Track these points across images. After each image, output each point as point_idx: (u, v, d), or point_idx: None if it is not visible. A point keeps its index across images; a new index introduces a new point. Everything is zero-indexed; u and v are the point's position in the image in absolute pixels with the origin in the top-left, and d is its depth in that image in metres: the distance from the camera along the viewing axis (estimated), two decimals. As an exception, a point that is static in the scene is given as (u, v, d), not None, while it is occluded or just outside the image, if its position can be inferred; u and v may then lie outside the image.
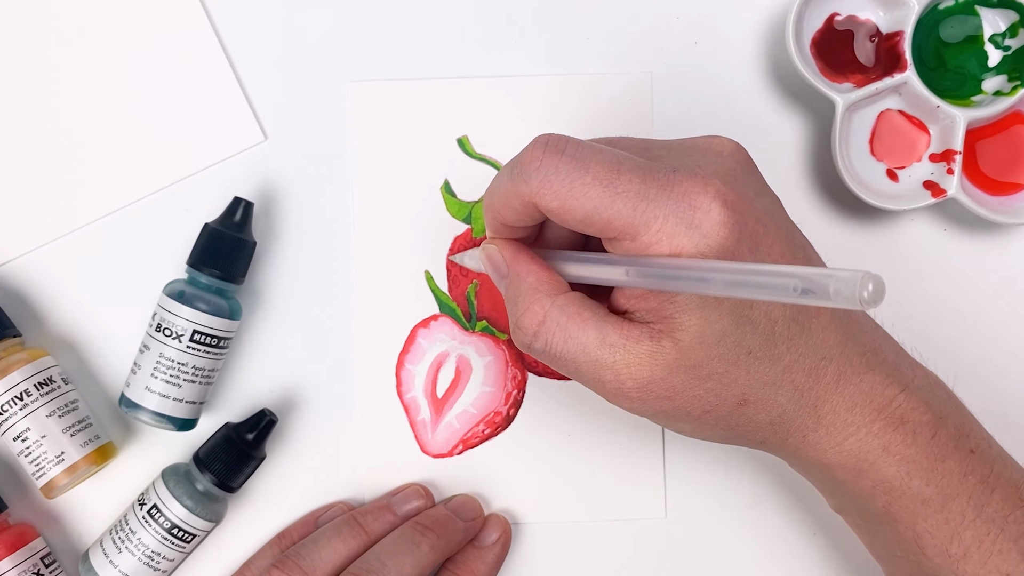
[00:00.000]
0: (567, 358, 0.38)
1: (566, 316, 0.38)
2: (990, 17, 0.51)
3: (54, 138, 0.50)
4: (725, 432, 0.39)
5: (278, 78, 0.51)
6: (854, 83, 0.50)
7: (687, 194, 0.36)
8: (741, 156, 0.39)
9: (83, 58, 0.50)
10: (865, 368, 0.39)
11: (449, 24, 0.51)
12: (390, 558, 0.45)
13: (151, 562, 0.47)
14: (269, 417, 0.48)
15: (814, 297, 0.29)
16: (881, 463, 0.39)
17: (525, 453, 0.51)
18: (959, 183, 0.49)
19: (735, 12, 0.52)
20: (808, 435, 0.39)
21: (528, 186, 0.37)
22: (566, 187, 0.36)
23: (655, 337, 0.37)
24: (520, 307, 0.39)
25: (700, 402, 0.38)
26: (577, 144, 0.37)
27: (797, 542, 0.51)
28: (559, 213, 0.37)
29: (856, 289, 0.28)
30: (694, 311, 0.36)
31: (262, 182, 0.50)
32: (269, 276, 0.50)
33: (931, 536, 0.39)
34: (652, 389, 0.37)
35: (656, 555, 0.51)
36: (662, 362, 0.37)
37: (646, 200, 0.36)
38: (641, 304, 0.38)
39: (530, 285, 0.39)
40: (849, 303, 0.28)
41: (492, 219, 0.41)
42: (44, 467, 0.47)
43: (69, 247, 0.50)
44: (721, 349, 0.37)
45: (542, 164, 0.37)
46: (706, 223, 0.35)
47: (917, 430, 0.39)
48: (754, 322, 0.37)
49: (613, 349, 0.37)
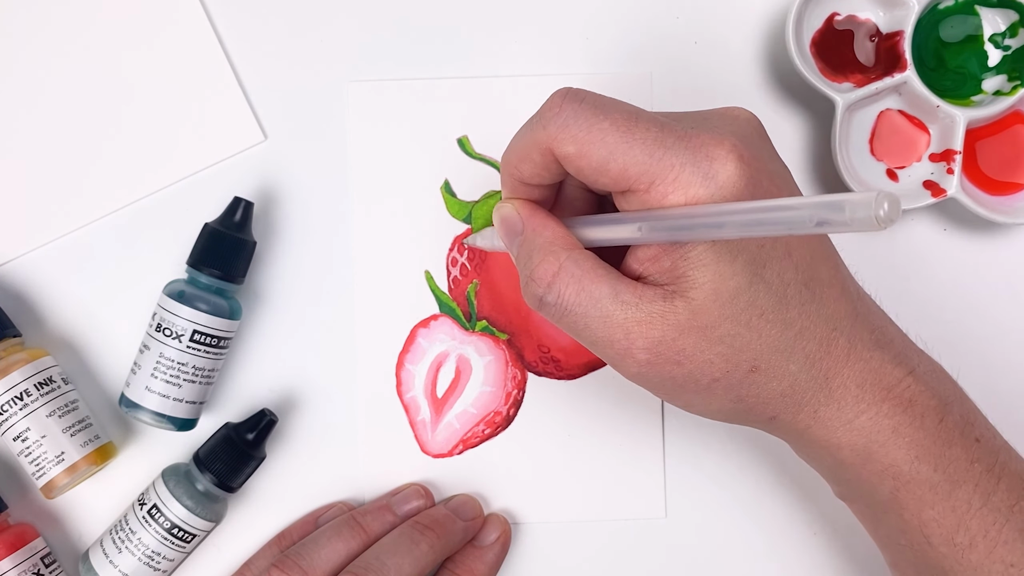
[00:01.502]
0: (578, 311, 0.38)
1: (581, 270, 0.38)
2: (990, 17, 0.51)
3: (54, 138, 0.50)
4: (735, 405, 0.39)
5: (278, 78, 0.51)
6: (854, 83, 0.50)
7: (704, 145, 0.36)
8: (756, 123, 0.39)
9: (83, 58, 0.50)
10: (874, 345, 0.39)
11: (449, 24, 0.51)
12: (390, 557, 0.45)
13: (151, 562, 0.47)
14: (269, 417, 0.48)
15: (830, 225, 0.29)
16: (891, 445, 0.38)
17: (525, 453, 0.51)
18: (959, 183, 0.49)
19: (735, 12, 0.52)
20: (820, 410, 0.38)
21: (547, 131, 0.37)
22: (584, 131, 0.37)
23: (668, 297, 0.37)
24: (535, 259, 0.39)
25: (711, 368, 0.37)
26: (596, 95, 0.38)
27: (797, 541, 0.51)
28: (576, 159, 0.37)
29: (871, 209, 0.28)
30: (708, 267, 0.36)
31: (262, 182, 0.50)
32: (269, 276, 0.50)
33: (937, 524, 0.39)
34: (662, 351, 0.37)
35: (656, 555, 0.51)
36: (674, 322, 0.37)
37: (663, 148, 0.36)
38: (654, 266, 0.37)
39: (546, 239, 0.39)
40: (866, 225, 0.28)
41: (509, 176, 0.41)
42: (44, 467, 0.47)
43: (69, 247, 0.50)
44: (734, 308, 0.36)
45: (561, 110, 0.37)
46: (722, 174, 0.35)
47: (925, 414, 0.39)
48: (767, 282, 0.37)
49: (625, 306, 0.37)
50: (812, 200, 0.30)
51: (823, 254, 0.39)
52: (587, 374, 0.51)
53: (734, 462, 0.51)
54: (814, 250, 0.39)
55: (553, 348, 0.51)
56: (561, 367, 0.51)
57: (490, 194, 0.51)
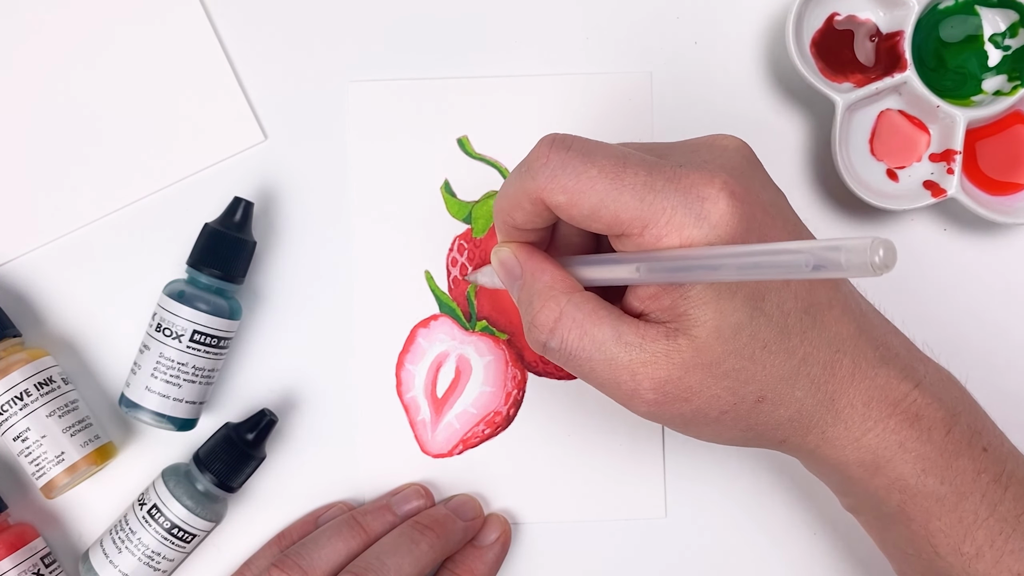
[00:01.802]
0: (582, 356, 0.38)
1: (582, 313, 0.38)
2: (990, 17, 0.51)
3: (54, 138, 0.50)
4: (745, 433, 0.39)
5: (278, 78, 0.51)
6: (854, 83, 0.50)
7: (694, 186, 0.36)
8: (746, 152, 0.39)
9: (83, 58, 0.50)
10: (879, 362, 0.39)
11: (449, 24, 0.51)
12: (389, 557, 0.45)
13: (151, 562, 0.47)
14: (269, 417, 0.48)
15: (827, 270, 0.29)
16: (897, 460, 0.38)
17: (525, 453, 0.51)
18: (959, 183, 0.49)
19: (735, 12, 0.52)
20: (827, 431, 0.39)
21: (536, 182, 0.37)
22: (572, 181, 0.37)
23: (671, 336, 0.37)
24: (536, 305, 0.39)
25: (718, 402, 0.37)
26: (583, 141, 0.38)
27: (797, 541, 0.51)
28: (567, 208, 0.37)
29: (867, 256, 0.28)
30: (709, 304, 0.36)
31: (262, 182, 0.50)
32: (269, 276, 0.50)
33: (944, 535, 0.39)
34: (669, 390, 0.37)
35: (656, 555, 0.51)
36: (679, 361, 0.37)
37: (653, 192, 0.36)
38: (655, 304, 0.37)
39: (545, 284, 0.39)
40: (861, 271, 0.28)
41: (502, 222, 0.41)
42: (44, 467, 0.47)
43: (69, 247, 0.50)
44: (737, 344, 0.37)
45: (549, 160, 0.37)
46: (714, 213, 0.35)
47: (932, 427, 0.39)
48: (768, 314, 0.37)
49: (629, 347, 0.37)
50: (807, 244, 0.30)
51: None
52: (587, 374, 0.51)
53: (734, 462, 0.51)
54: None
55: (553, 348, 0.51)
56: (561, 367, 0.51)
57: (490, 194, 0.51)
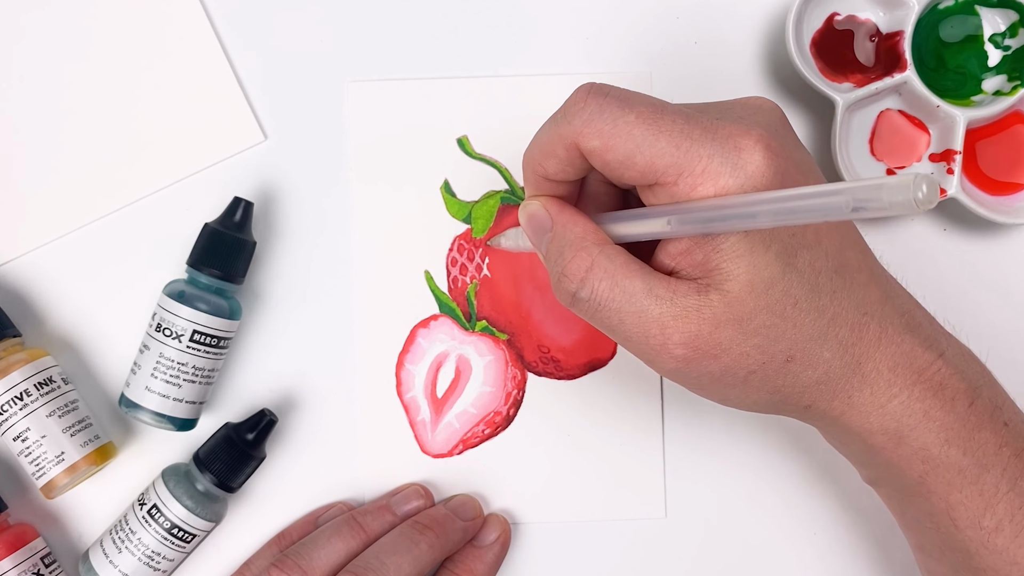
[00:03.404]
0: (612, 307, 0.37)
1: (614, 264, 0.38)
2: (990, 17, 0.51)
3: (54, 138, 0.50)
4: (771, 396, 0.39)
5: (278, 78, 0.51)
6: (854, 83, 0.50)
7: (731, 136, 0.36)
8: (779, 113, 0.39)
9: (83, 58, 0.50)
10: (905, 329, 0.39)
11: (449, 24, 0.51)
12: (389, 557, 0.45)
13: (151, 562, 0.47)
14: (269, 417, 0.48)
15: (867, 210, 0.29)
16: (921, 429, 0.38)
17: (525, 453, 0.51)
18: (959, 183, 0.49)
19: (735, 12, 0.52)
20: (853, 395, 0.39)
21: (571, 126, 0.37)
22: (609, 125, 0.36)
23: (702, 291, 0.37)
24: (567, 255, 0.38)
25: (747, 360, 0.37)
26: (620, 89, 0.38)
27: (797, 542, 0.51)
28: (601, 153, 0.37)
29: (911, 191, 0.27)
30: (742, 258, 0.36)
31: (262, 182, 0.50)
32: (269, 276, 0.50)
33: (964, 508, 0.39)
34: (699, 345, 0.37)
35: (656, 555, 0.51)
36: (709, 316, 0.36)
37: (690, 139, 0.36)
38: (686, 260, 0.37)
39: (577, 235, 0.39)
40: (905, 208, 0.28)
41: (533, 172, 0.40)
42: (44, 467, 0.47)
43: (69, 247, 0.50)
44: (769, 299, 0.36)
45: (586, 104, 0.37)
46: (750, 164, 0.35)
47: (955, 397, 0.39)
48: (800, 271, 0.37)
49: (660, 300, 0.37)
50: (848, 185, 0.30)
51: (851, 240, 0.39)
52: (587, 374, 0.51)
53: (734, 462, 0.51)
54: (843, 236, 0.39)
55: (553, 348, 0.51)
56: (561, 367, 0.51)
57: (490, 194, 0.51)
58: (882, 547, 0.51)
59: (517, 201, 0.51)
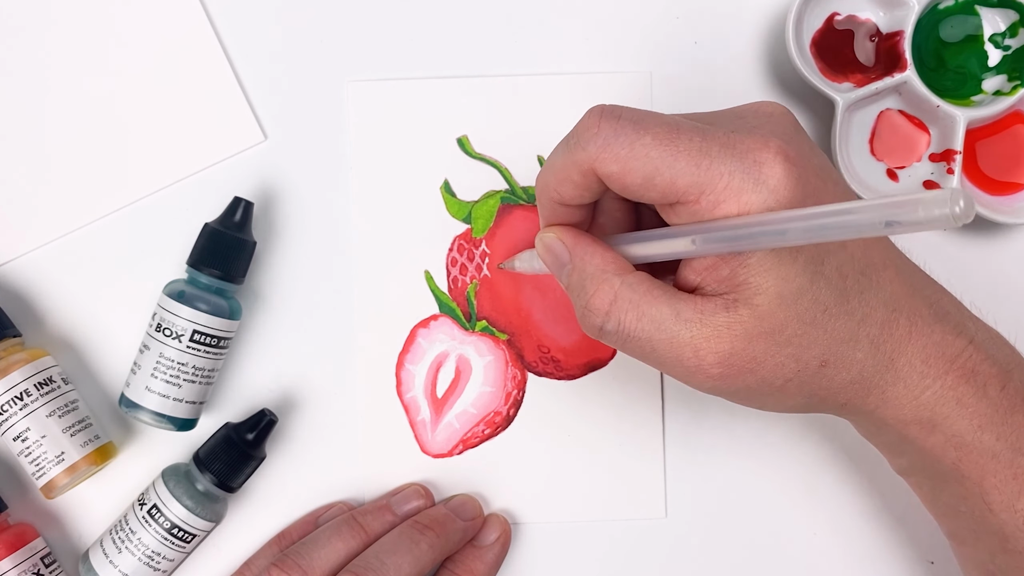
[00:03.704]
0: (641, 337, 0.38)
1: (637, 294, 0.38)
2: (990, 17, 0.51)
3: (54, 138, 0.50)
4: (808, 400, 0.39)
5: (278, 78, 0.51)
6: (854, 83, 0.50)
7: (750, 151, 0.36)
8: (792, 118, 0.39)
9: (83, 58, 0.50)
10: (934, 319, 0.39)
11: (449, 24, 0.51)
12: (389, 557, 0.45)
13: (151, 562, 0.47)
14: (269, 417, 0.48)
15: (901, 226, 0.29)
16: (955, 416, 0.39)
17: (525, 453, 0.51)
18: (959, 183, 0.49)
19: (735, 12, 0.52)
20: (887, 391, 0.39)
21: (587, 152, 0.37)
22: (626, 149, 0.36)
23: (730, 307, 0.37)
24: (589, 289, 0.39)
25: (783, 370, 0.37)
26: (632, 110, 0.37)
27: (797, 542, 0.51)
28: (620, 177, 0.37)
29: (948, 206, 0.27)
30: (770, 271, 0.36)
31: (262, 182, 0.50)
32: (269, 276, 0.50)
33: (998, 492, 0.39)
34: (734, 362, 0.37)
35: (656, 555, 0.51)
36: (741, 331, 0.36)
37: (708, 157, 0.36)
38: (712, 275, 0.37)
39: (596, 267, 0.39)
40: (942, 223, 0.27)
41: (548, 199, 0.40)
42: (44, 467, 0.47)
43: (69, 247, 0.50)
44: (799, 308, 0.36)
45: (600, 129, 0.37)
46: (772, 178, 0.35)
47: (987, 382, 0.39)
48: (827, 277, 0.37)
49: (690, 324, 0.37)
50: (881, 202, 0.30)
51: (875, 238, 0.39)
52: (587, 374, 0.51)
53: (734, 462, 0.51)
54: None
55: (553, 348, 0.51)
56: (561, 367, 0.51)
57: (489, 194, 0.51)
58: (882, 547, 0.51)
59: (517, 201, 0.51)
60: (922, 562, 0.51)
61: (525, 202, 0.51)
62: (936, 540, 0.51)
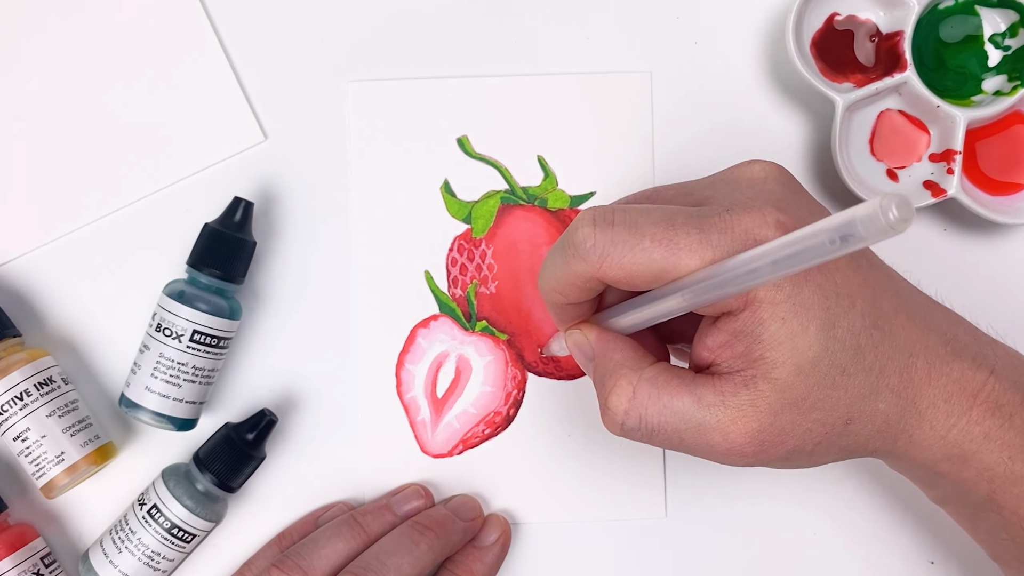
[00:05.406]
0: (667, 429, 0.38)
1: (656, 387, 0.38)
2: (990, 17, 0.51)
3: (54, 138, 0.50)
4: (839, 455, 0.39)
5: (278, 78, 0.51)
6: (854, 83, 0.50)
7: (748, 231, 0.36)
8: (784, 179, 0.40)
9: (83, 58, 0.50)
10: (951, 356, 0.39)
11: (449, 24, 0.51)
12: (389, 557, 0.45)
13: (151, 562, 0.47)
14: (269, 417, 0.48)
15: (851, 241, 0.29)
16: (984, 451, 0.39)
17: (525, 453, 0.51)
18: (959, 183, 0.49)
19: (735, 12, 0.52)
20: (914, 433, 0.39)
21: (588, 263, 0.37)
22: (627, 256, 0.36)
23: (750, 384, 0.37)
24: (607, 385, 0.39)
25: (811, 435, 0.38)
26: (624, 211, 0.37)
27: (797, 542, 0.51)
28: (626, 281, 0.37)
29: (880, 217, 0.27)
30: (783, 345, 0.36)
31: (262, 182, 0.50)
32: (269, 276, 0.50)
33: None
34: (764, 438, 0.37)
35: (656, 555, 0.51)
36: (766, 407, 0.37)
37: (710, 248, 0.36)
38: (726, 352, 0.37)
39: (616, 362, 0.39)
40: (882, 233, 0.27)
41: (554, 303, 0.41)
42: (44, 467, 0.47)
43: (69, 247, 0.50)
44: (818, 375, 0.37)
45: (596, 240, 0.37)
46: None
47: (1013, 412, 0.39)
48: (840, 340, 0.37)
49: (713, 408, 0.37)
50: (824, 223, 0.30)
51: (882, 287, 0.39)
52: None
53: (734, 462, 0.51)
54: (873, 287, 0.39)
55: (553, 348, 0.51)
56: (561, 367, 0.51)
57: (490, 194, 0.51)
58: (882, 547, 0.51)
59: (517, 201, 0.51)
60: (922, 562, 0.51)
61: (525, 202, 0.51)
62: (936, 540, 0.51)
